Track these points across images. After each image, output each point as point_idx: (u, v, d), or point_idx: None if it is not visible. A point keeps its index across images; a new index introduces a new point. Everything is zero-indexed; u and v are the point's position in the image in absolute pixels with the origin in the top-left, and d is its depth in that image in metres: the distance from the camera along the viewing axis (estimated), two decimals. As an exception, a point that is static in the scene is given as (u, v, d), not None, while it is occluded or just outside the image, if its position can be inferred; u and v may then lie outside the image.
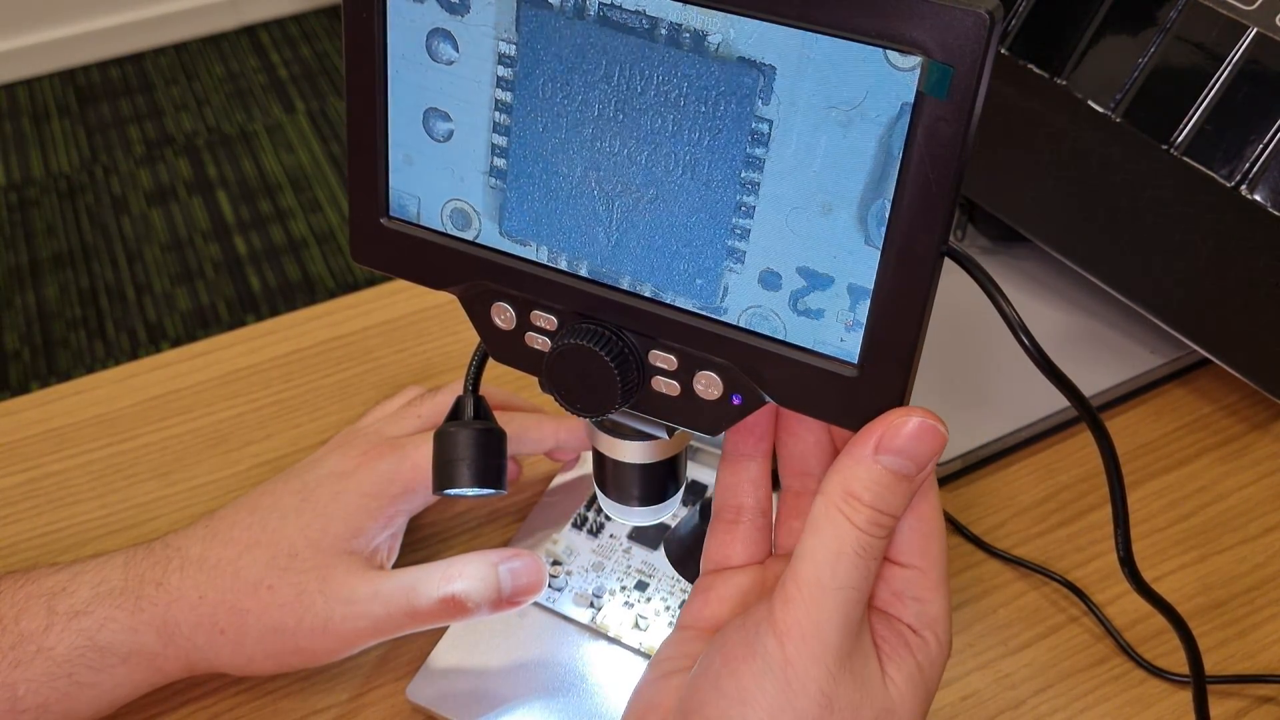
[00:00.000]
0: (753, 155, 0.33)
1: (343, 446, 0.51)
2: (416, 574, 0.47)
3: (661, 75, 0.34)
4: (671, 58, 0.33)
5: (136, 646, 0.45)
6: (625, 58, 0.34)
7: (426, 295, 0.68)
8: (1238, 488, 0.59)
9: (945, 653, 0.36)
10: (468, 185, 0.38)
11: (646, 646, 0.50)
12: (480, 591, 0.47)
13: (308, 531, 0.47)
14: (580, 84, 0.35)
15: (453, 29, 0.36)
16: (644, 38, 0.34)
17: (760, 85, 0.33)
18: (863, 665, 0.34)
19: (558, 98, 0.35)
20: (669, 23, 0.33)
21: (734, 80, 0.33)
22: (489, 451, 0.44)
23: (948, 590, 0.36)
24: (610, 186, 0.36)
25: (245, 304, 1.95)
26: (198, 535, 0.48)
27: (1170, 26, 0.55)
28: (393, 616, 0.46)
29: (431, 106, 0.38)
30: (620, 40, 0.34)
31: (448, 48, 0.37)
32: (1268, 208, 0.52)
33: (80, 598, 0.45)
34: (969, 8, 0.29)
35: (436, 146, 0.38)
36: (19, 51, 2.45)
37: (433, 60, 0.37)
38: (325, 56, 2.53)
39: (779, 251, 0.34)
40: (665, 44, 0.33)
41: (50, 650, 0.44)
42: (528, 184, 0.37)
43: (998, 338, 0.39)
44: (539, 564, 0.48)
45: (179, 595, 0.46)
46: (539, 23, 0.35)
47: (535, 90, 0.36)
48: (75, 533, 0.58)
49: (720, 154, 0.34)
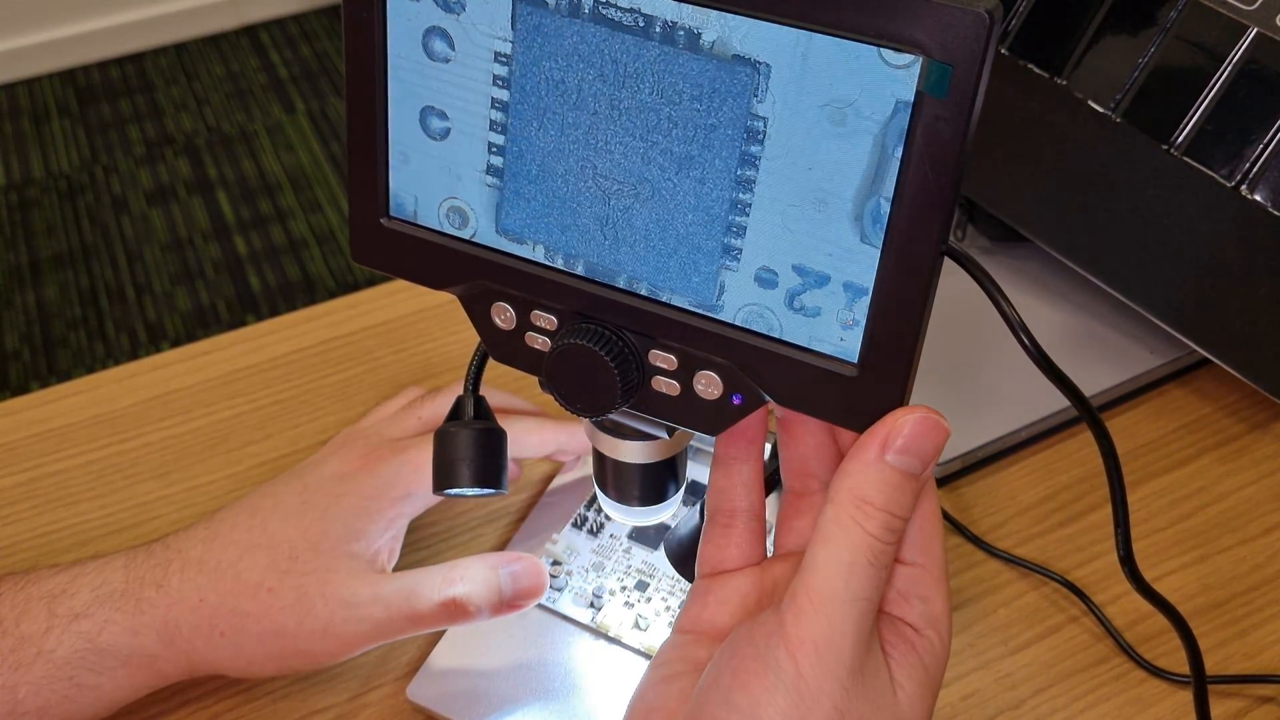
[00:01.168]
0: (748, 153, 0.33)
1: (344, 448, 0.51)
2: (417, 577, 0.47)
3: (656, 73, 0.34)
4: (666, 55, 0.33)
5: (137, 649, 0.45)
6: (620, 55, 0.34)
7: (426, 295, 0.68)
8: (1238, 488, 0.59)
9: (947, 650, 0.36)
10: (465, 184, 0.38)
11: (647, 646, 0.50)
12: (481, 595, 0.47)
13: (308, 534, 0.47)
14: (576, 82, 0.35)
15: (449, 27, 0.36)
16: (639, 35, 0.33)
17: (756, 83, 0.33)
18: (874, 675, 0.34)
19: (554, 96, 0.35)
20: (664, 20, 0.33)
21: (729, 78, 0.33)
22: (489, 451, 0.44)
23: (948, 587, 0.36)
24: (606, 184, 0.36)
25: (245, 304, 1.95)
26: (198, 537, 0.48)
27: (1170, 26, 0.55)
28: (393, 620, 0.46)
29: (429, 105, 0.38)
30: (615, 38, 0.34)
31: (444, 46, 0.37)
32: (1268, 208, 0.52)
33: (81, 600, 0.45)
34: (968, 7, 0.29)
35: (434, 145, 0.38)
36: (19, 51, 2.45)
37: (429, 58, 0.37)
38: (325, 56, 2.53)
39: (774, 249, 0.34)
40: (660, 41, 0.33)
41: (51, 653, 0.44)
42: (524, 182, 0.37)
43: (998, 338, 0.39)
44: (540, 568, 0.49)
45: (179, 598, 0.46)
46: (534, 20, 0.35)
47: (531, 88, 0.36)
48: (75, 533, 0.58)
49: (715, 152, 0.34)
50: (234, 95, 2.42)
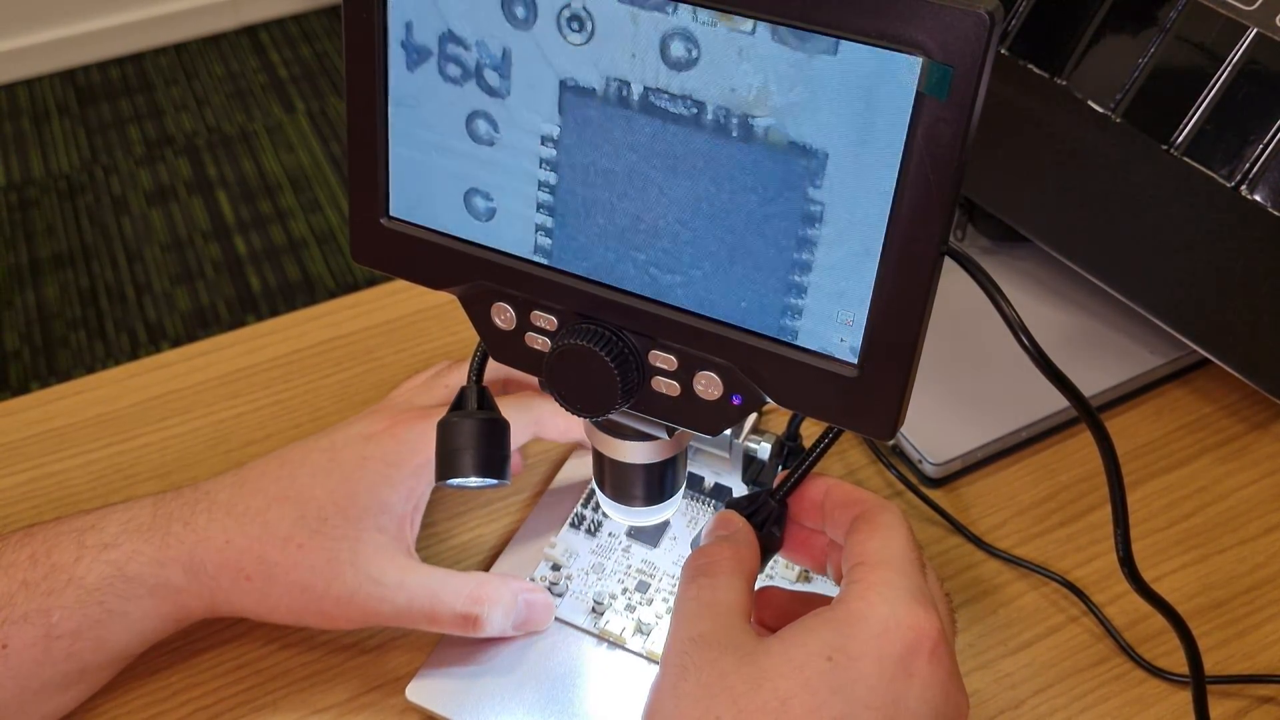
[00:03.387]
0: (805, 235, 0.33)
1: (374, 413, 0.52)
2: (444, 581, 0.48)
3: (710, 163, 0.33)
4: (719, 145, 0.33)
5: (163, 579, 0.47)
6: (671, 146, 0.34)
7: (426, 295, 0.68)
8: (1238, 488, 0.59)
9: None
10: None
11: (649, 651, 0.50)
12: (499, 619, 0.49)
13: (335, 495, 0.48)
14: (625, 171, 0.35)
15: (493, 111, 0.36)
16: (690, 126, 0.33)
17: (812, 170, 0.32)
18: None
19: (602, 185, 0.35)
20: (715, 107, 0.33)
21: (785, 166, 0.33)
22: (492, 442, 0.44)
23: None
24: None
25: (245, 304, 1.95)
26: (227, 482, 0.49)
27: (1170, 26, 0.55)
28: (412, 612, 0.48)
29: (473, 187, 0.37)
30: (666, 130, 0.33)
31: (489, 128, 0.36)
32: (1268, 208, 0.52)
33: (110, 532, 0.47)
34: (969, 8, 0.29)
35: (479, 226, 0.38)
36: (19, 51, 2.45)
37: (474, 141, 0.37)
38: (325, 56, 2.53)
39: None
40: (712, 132, 0.33)
41: (81, 579, 0.46)
42: (574, 265, 0.37)
43: (998, 338, 0.39)
44: (551, 605, 0.51)
45: (205, 536, 0.47)
46: (581, 111, 0.34)
47: (580, 175, 0.35)
48: (75, 533, 0.58)
49: (772, 232, 0.34)
50: (234, 95, 2.42)
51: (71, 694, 0.47)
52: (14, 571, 0.45)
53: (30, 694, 0.45)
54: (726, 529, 0.42)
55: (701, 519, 0.55)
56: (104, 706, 0.50)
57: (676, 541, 0.54)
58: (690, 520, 0.55)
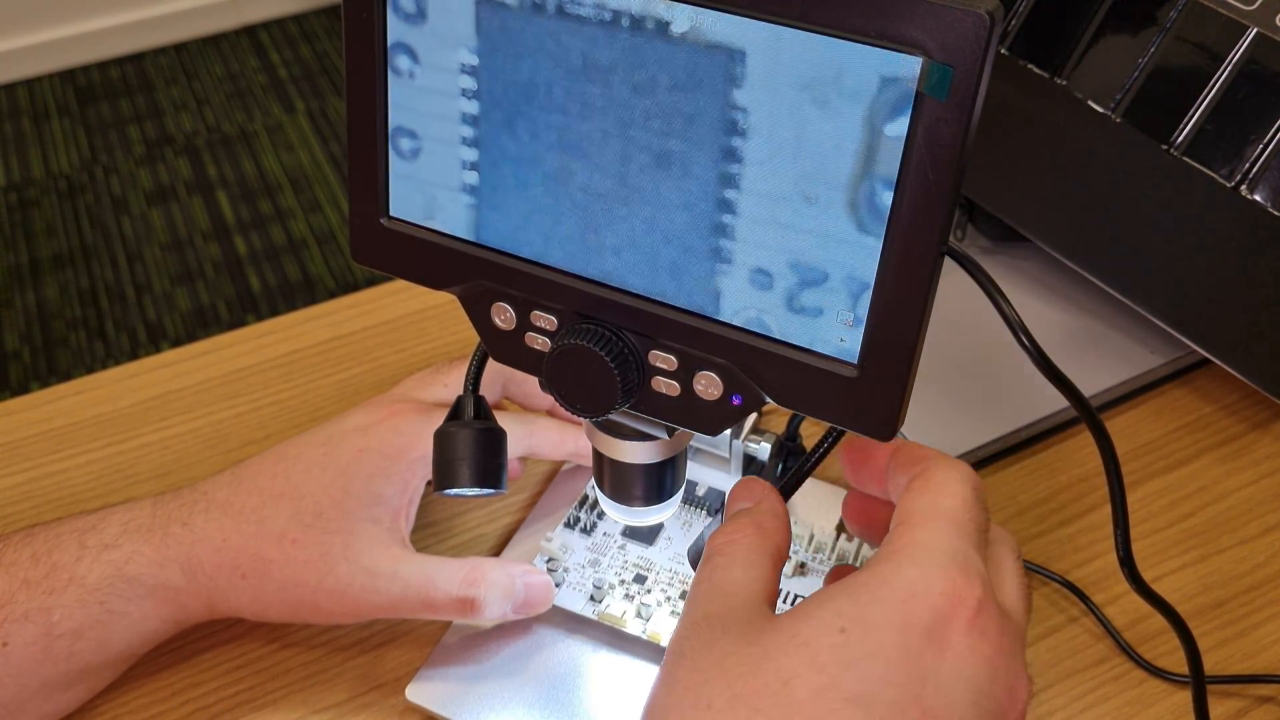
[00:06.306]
0: (730, 146, 0.33)
1: (371, 405, 0.52)
2: (439, 567, 0.48)
3: (628, 63, 0.32)
4: (637, 44, 0.32)
5: (162, 580, 0.47)
6: (589, 49, 0.33)
7: (426, 295, 0.68)
8: (1238, 488, 0.59)
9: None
10: (440, 203, 0.38)
11: (651, 634, 0.50)
12: (497, 601, 0.48)
13: (330, 490, 0.48)
14: (545, 83, 0.34)
15: (412, 41, 0.36)
16: (608, 27, 0.33)
17: (733, 69, 0.32)
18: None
19: (524, 101, 0.34)
20: (630, 14, 0.32)
21: (704, 65, 0.32)
22: (489, 451, 0.44)
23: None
24: (586, 190, 0.35)
25: (245, 304, 1.95)
26: (224, 481, 0.49)
27: (1170, 26, 0.55)
28: (408, 600, 0.48)
29: (398, 125, 0.37)
30: (583, 31, 0.33)
31: (408, 61, 0.36)
32: (1268, 208, 0.52)
33: (110, 533, 0.47)
34: (969, 8, 0.29)
35: (405, 164, 0.38)
36: (19, 51, 2.45)
37: (395, 75, 0.36)
38: (325, 56, 2.53)
39: (767, 248, 0.34)
40: (630, 30, 0.32)
41: (82, 579, 0.46)
42: (502, 197, 0.36)
43: (998, 338, 0.39)
44: (550, 586, 0.50)
45: (203, 536, 0.47)
46: (498, 21, 0.34)
47: (501, 95, 0.35)
48: (75, 533, 0.58)
49: (695, 146, 0.33)
50: (234, 95, 2.42)
51: (72, 694, 0.47)
52: (15, 570, 0.46)
53: (30, 693, 0.45)
54: (749, 498, 0.38)
55: (695, 521, 0.55)
56: (104, 706, 0.50)
57: (672, 542, 0.54)
58: (684, 523, 0.54)
